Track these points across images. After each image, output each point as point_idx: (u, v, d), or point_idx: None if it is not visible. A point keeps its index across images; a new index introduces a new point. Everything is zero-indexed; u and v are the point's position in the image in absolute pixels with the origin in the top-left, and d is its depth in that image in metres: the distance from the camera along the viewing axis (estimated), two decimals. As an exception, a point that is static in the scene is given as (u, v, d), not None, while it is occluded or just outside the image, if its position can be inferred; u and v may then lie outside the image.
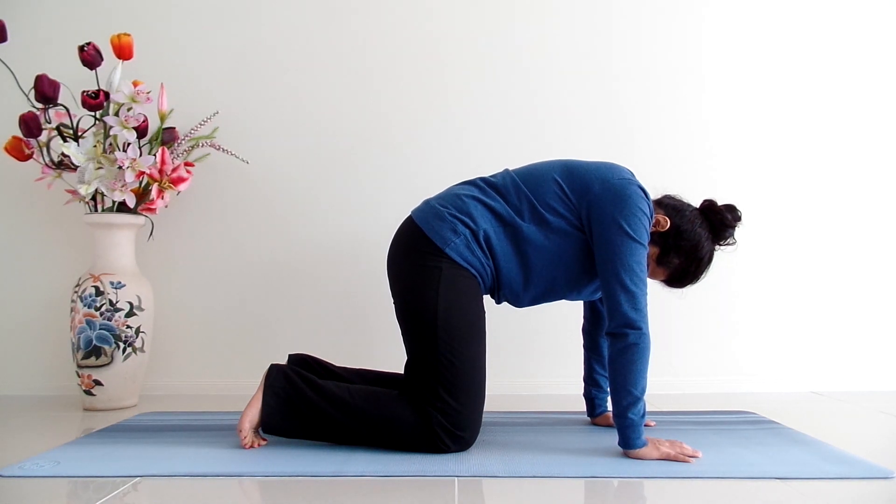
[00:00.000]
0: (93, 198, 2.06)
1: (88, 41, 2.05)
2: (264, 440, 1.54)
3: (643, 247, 1.46)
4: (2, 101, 2.23)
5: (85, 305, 1.98)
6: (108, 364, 1.99)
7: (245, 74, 2.35)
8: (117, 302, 1.99)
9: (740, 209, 1.58)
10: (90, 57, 2.04)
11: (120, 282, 2.01)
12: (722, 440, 1.59)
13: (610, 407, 1.63)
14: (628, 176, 1.53)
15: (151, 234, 2.24)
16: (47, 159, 2.08)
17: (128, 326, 2.01)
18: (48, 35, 2.32)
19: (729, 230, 1.57)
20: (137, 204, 2.05)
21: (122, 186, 1.98)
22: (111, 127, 2.01)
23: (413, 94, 2.35)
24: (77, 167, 2.00)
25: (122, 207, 2.05)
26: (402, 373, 1.60)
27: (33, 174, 2.18)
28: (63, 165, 2.07)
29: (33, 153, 2.08)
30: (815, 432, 1.66)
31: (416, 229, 1.54)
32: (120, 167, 1.96)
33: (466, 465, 1.37)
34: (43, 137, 2.06)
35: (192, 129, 2.15)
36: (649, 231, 1.50)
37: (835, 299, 2.35)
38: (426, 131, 2.35)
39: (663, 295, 1.73)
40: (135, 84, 2.06)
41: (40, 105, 2.03)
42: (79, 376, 2.01)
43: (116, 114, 2.03)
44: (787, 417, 1.85)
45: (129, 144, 1.98)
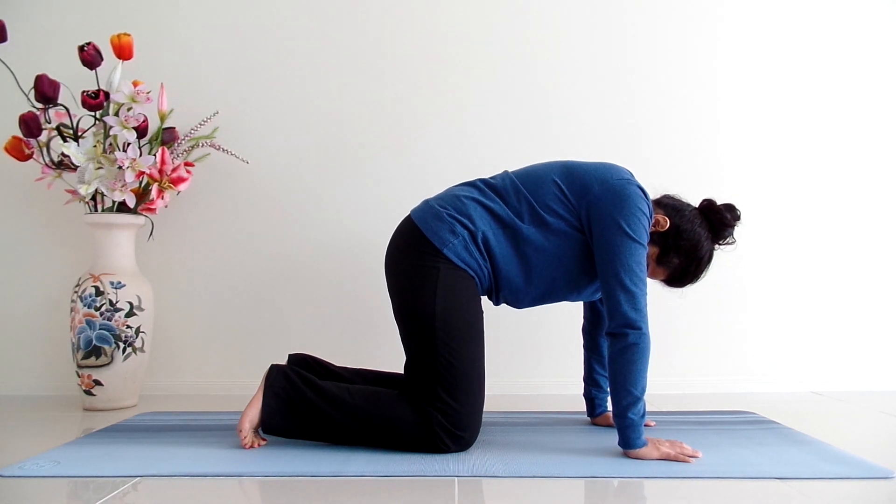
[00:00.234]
0: (93, 198, 2.06)
1: (88, 41, 2.05)
2: (264, 440, 1.54)
3: (643, 247, 1.46)
4: (2, 101, 2.23)
5: (85, 305, 1.98)
6: (108, 364, 1.99)
7: (245, 74, 2.35)
8: (117, 302, 1.99)
9: (739, 208, 1.59)
10: (90, 57, 2.04)
11: (120, 282, 2.01)
12: (722, 440, 1.58)
13: (610, 407, 1.62)
14: (627, 176, 1.53)
15: (151, 234, 2.24)
16: (47, 159, 2.08)
17: (128, 326, 2.01)
18: (48, 35, 2.32)
19: (728, 229, 1.57)
20: (137, 204, 2.05)
21: (122, 186, 1.98)
22: (111, 127, 2.01)
23: (415, 93, 2.35)
24: (77, 167, 2.00)
25: (122, 207, 2.05)
26: (402, 373, 1.60)
27: (33, 174, 2.18)
28: (63, 165, 2.07)
29: (33, 153, 2.08)
30: (815, 432, 1.67)
31: (415, 229, 1.54)
32: (120, 167, 1.96)
33: (466, 465, 1.37)
34: (43, 137, 2.06)
35: (192, 129, 2.15)
36: (649, 231, 1.50)
37: (835, 299, 2.35)
38: (427, 131, 2.35)
39: (664, 295, 1.74)
40: (135, 84, 2.07)
41: (40, 105, 2.03)
42: (79, 376, 2.01)
43: (116, 114, 2.03)
44: (787, 417, 1.85)
45: (129, 144, 1.98)
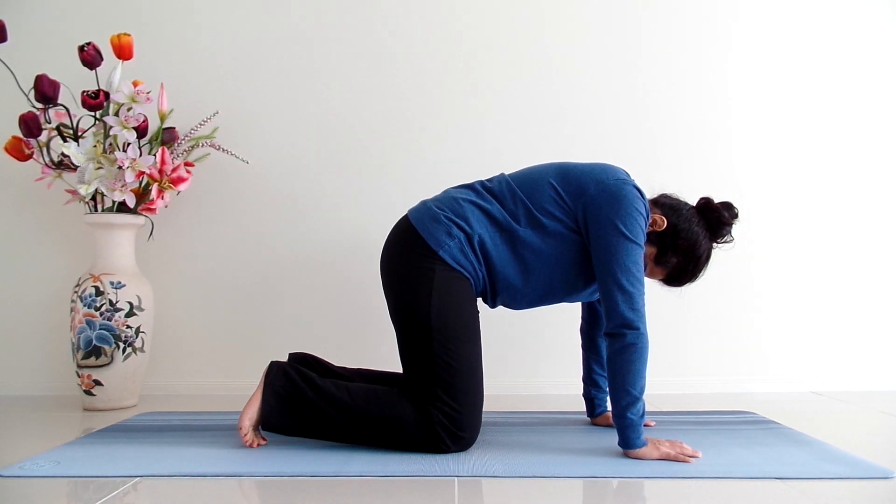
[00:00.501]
0: (93, 198, 2.06)
1: (88, 41, 2.05)
2: (264, 440, 1.54)
3: (639, 247, 1.46)
4: (2, 101, 2.23)
5: (85, 305, 1.98)
6: (108, 364, 1.99)
7: (245, 74, 2.35)
8: (117, 302, 1.99)
9: (737, 207, 1.58)
10: (90, 57, 2.04)
11: (120, 282, 2.01)
12: (722, 440, 1.58)
13: (609, 407, 1.62)
14: (623, 176, 1.53)
15: (151, 234, 2.24)
16: (47, 159, 2.08)
17: (128, 326, 2.01)
18: (48, 35, 2.32)
19: (726, 228, 1.57)
20: (137, 204, 2.05)
21: (122, 186, 1.98)
22: (111, 127, 2.01)
23: (415, 94, 2.35)
24: (77, 167, 2.00)
25: (122, 207, 2.05)
26: (402, 372, 1.60)
27: (33, 174, 2.18)
28: (63, 165, 2.07)
29: (33, 153, 2.08)
30: (815, 432, 1.67)
31: (411, 230, 1.54)
32: (120, 167, 1.96)
33: (466, 465, 1.37)
34: (43, 137, 2.06)
35: (192, 129, 2.15)
36: (646, 231, 1.50)
37: (835, 299, 2.35)
38: (428, 131, 2.35)
39: (664, 295, 1.74)
40: (135, 84, 2.07)
41: (40, 105, 2.03)
42: (79, 376, 2.01)
43: (116, 114, 2.03)
44: (787, 417, 1.85)
45: (129, 144, 1.98)
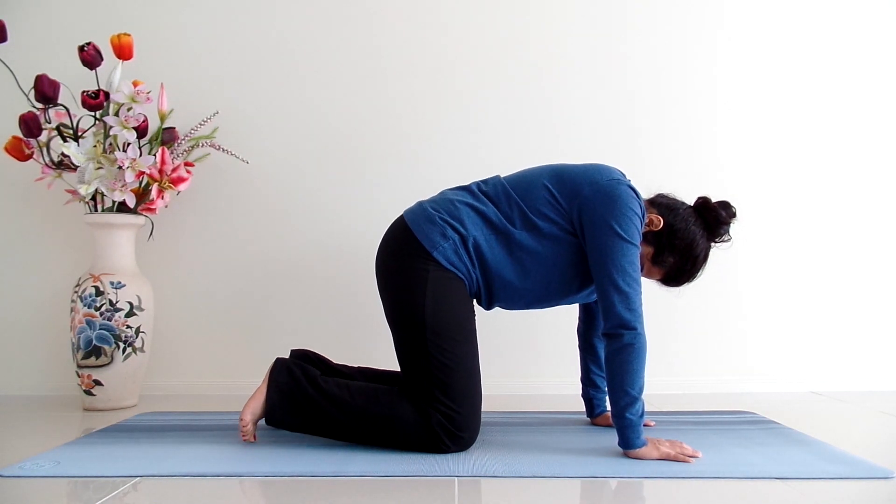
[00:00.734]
0: (93, 198, 2.06)
1: (88, 41, 2.05)
2: (255, 438, 1.54)
3: (635, 247, 1.46)
4: (2, 101, 2.23)
5: (85, 305, 1.98)
6: (108, 364, 1.99)
7: (245, 74, 2.35)
8: (117, 302, 1.99)
9: (735, 206, 1.57)
10: (90, 57, 2.04)
11: (120, 282, 2.01)
12: (722, 440, 1.58)
13: (609, 407, 1.62)
14: (618, 176, 1.53)
15: (151, 234, 2.24)
16: (47, 159, 2.08)
17: (128, 326, 2.01)
18: (48, 35, 2.32)
19: (724, 227, 1.56)
20: (137, 204, 2.05)
21: (122, 186, 1.98)
22: (111, 127, 2.01)
23: (414, 95, 2.35)
24: (77, 167, 2.00)
25: (122, 207, 2.05)
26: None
27: (33, 174, 2.18)
28: (63, 165, 2.07)
29: (33, 153, 2.08)
30: (815, 432, 1.67)
31: (406, 230, 1.54)
32: (120, 167, 1.96)
33: (466, 465, 1.37)
34: (43, 137, 2.06)
35: (192, 129, 2.15)
36: (641, 231, 1.49)
37: (834, 299, 2.35)
38: (427, 131, 2.35)
39: (663, 294, 1.73)
40: (135, 84, 2.06)
41: (40, 105, 2.03)
42: (79, 376, 2.01)
43: (116, 114, 2.03)
44: (787, 417, 1.85)
45: (129, 144, 1.98)
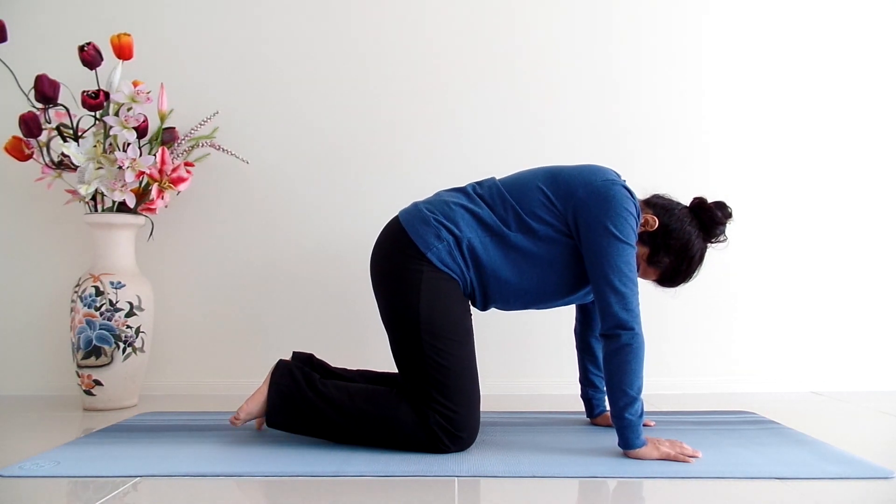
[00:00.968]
0: (93, 198, 2.06)
1: (88, 41, 2.05)
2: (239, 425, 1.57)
3: (631, 247, 1.45)
4: (2, 101, 2.23)
5: (85, 305, 1.98)
6: (108, 364, 1.99)
7: (245, 74, 2.35)
8: (117, 302, 1.99)
9: (730, 205, 1.57)
10: (90, 57, 2.04)
11: (120, 282, 2.01)
12: (722, 440, 1.58)
13: (608, 407, 1.62)
14: (612, 177, 1.52)
15: (151, 234, 2.24)
16: (47, 159, 2.08)
17: (128, 326, 2.01)
18: (48, 35, 2.32)
19: (720, 227, 1.56)
20: (137, 204, 2.05)
21: (122, 186, 1.98)
22: (111, 127, 2.01)
23: (412, 96, 2.35)
24: (77, 167, 2.00)
25: (122, 207, 2.05)
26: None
27: (33, 174, 2.18)
28: (63, 165, 2.07)
29: (33, 153, 2.08)
30: (815, 432, 1.66)
31: (401, 230, 1.54)
32: (120, 167, 1.96)
33: (466, 465, 1.37)
34: (43, 137, 2.06)
35: (192, 129, 2.15)
36: (637, 231, 1.49)
37: (834, 299, 2.35)
38: (426, 132, 2.35)
39: (662, 294, 1.73)
40: (135, 84, 2.06)
41: (40, 105, 2.03)
42: (79, 376, 2.01)
43: (116, 114, 2.03)
44: (787, 417, 1.85)
45: (129, 144, 1.98)
